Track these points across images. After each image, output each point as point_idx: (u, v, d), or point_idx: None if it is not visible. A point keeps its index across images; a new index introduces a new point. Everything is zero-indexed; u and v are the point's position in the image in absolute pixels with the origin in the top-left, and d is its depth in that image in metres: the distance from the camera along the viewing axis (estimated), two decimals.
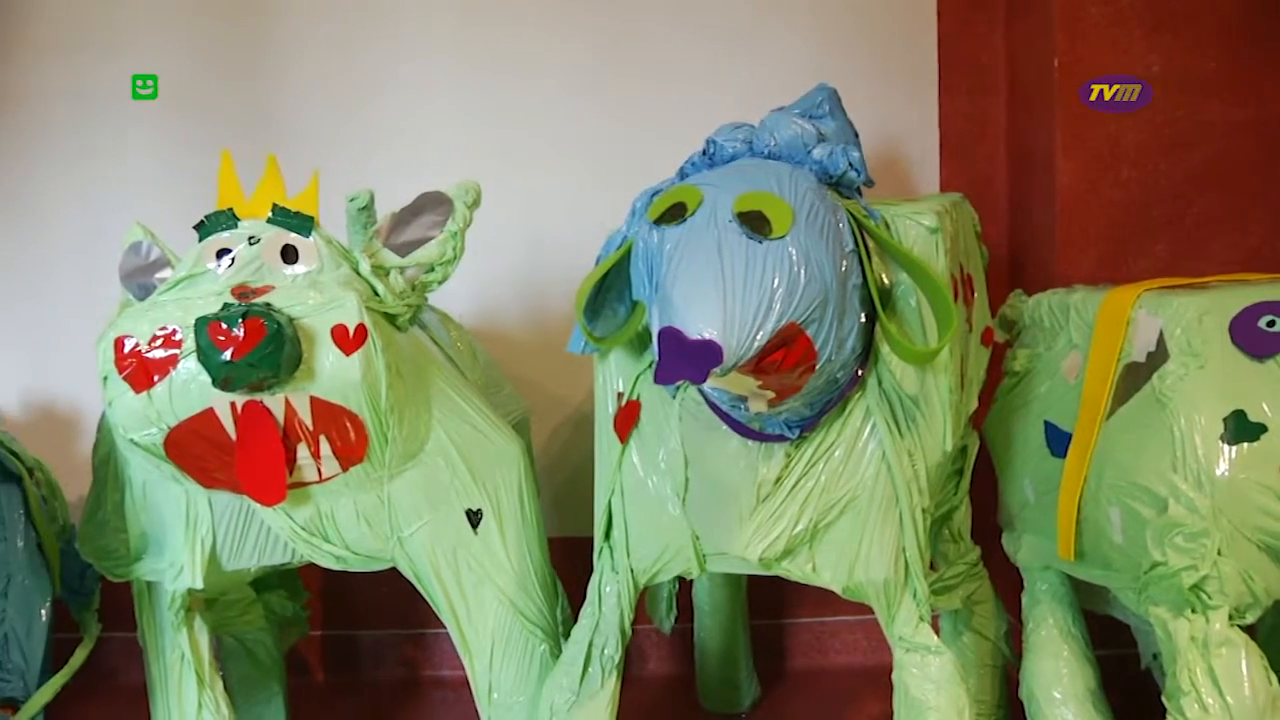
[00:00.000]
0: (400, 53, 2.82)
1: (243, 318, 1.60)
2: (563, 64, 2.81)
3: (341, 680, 2.88)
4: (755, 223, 1.56)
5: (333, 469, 1.80)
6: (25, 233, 2.83)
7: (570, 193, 2.79)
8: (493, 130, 2.81)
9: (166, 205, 2.49)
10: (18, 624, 1.93)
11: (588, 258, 1.92)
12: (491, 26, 2.81)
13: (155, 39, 2.84)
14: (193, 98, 2.83)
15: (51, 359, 2.80)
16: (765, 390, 1.63)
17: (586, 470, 2.12)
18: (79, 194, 2.84)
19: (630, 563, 1.95)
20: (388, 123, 2.82)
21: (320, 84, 2.82)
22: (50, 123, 2.86)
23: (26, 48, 2.87)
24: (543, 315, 2.79)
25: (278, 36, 2.83)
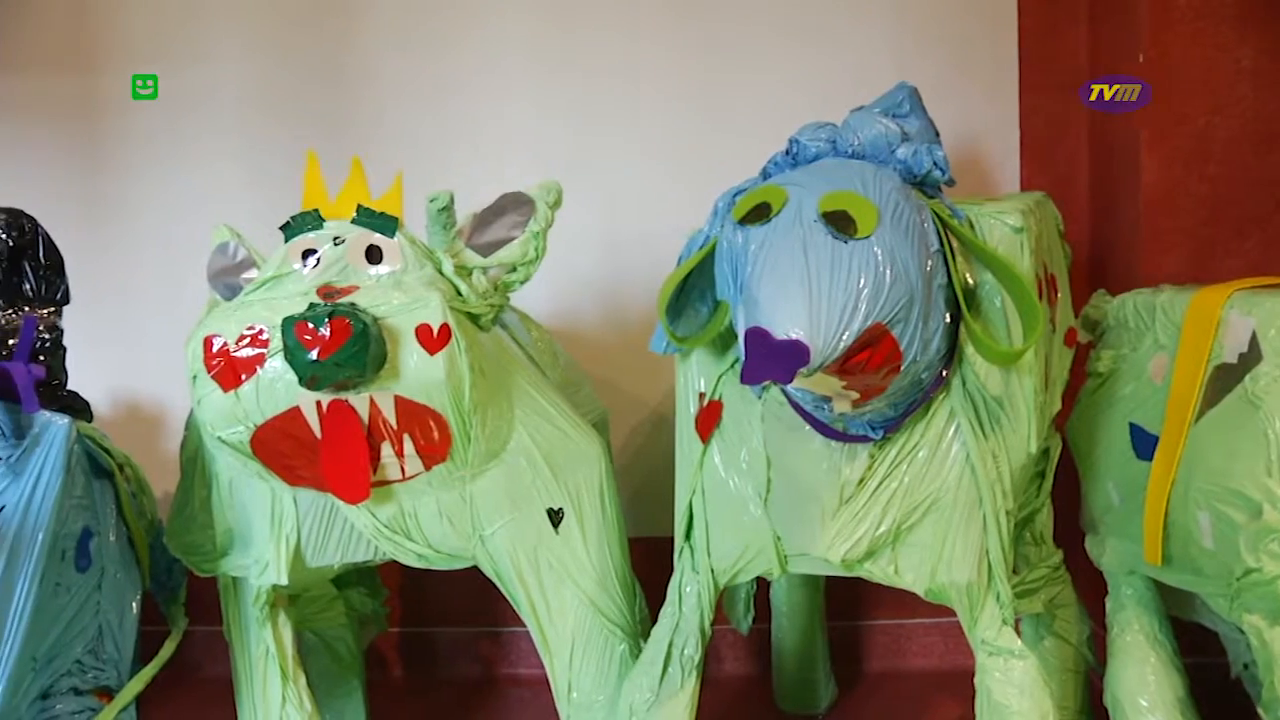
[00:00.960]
0: (481, 53, 2.84)
1: (329, 317, 1.62)
2: (642, 64, 2.82)
3: (418, 677, 2.91)
4: (840, 222, 1.55)
5: (416, 467, 1.81)
6: (111, 235, 2.88)
7: (649, 192, 2.80)
8: (572, 130, 2.82)
9: (249, 207, 2.55)
10: (111, 616, 1.96)
11: (666, 258, 1.92)
12: (572, 27, 2.83)
13: (237, 43, 2.90)
14: (274, 100, 2.88)
15: (137, 358, 2.86)
16: (850, 391, 1.62)
17: (664, 471, 2.12)
18: (163, 197, 2.90)
19: (711, 563, 1.94)
20: (468, 123, 2.84)
21: (402, 85, 2.85)
22: (135, 127, 2.92)
23: (112, 57, 2.93)
24: (621, 315, 2.79)
25: (359, 38, 2.86)
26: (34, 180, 2.88)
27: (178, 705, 2.56)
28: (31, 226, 1.92)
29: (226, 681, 2.15)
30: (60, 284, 1.95)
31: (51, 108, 2.94)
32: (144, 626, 2.17)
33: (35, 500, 1.74)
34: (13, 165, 2.92)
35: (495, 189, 1.94)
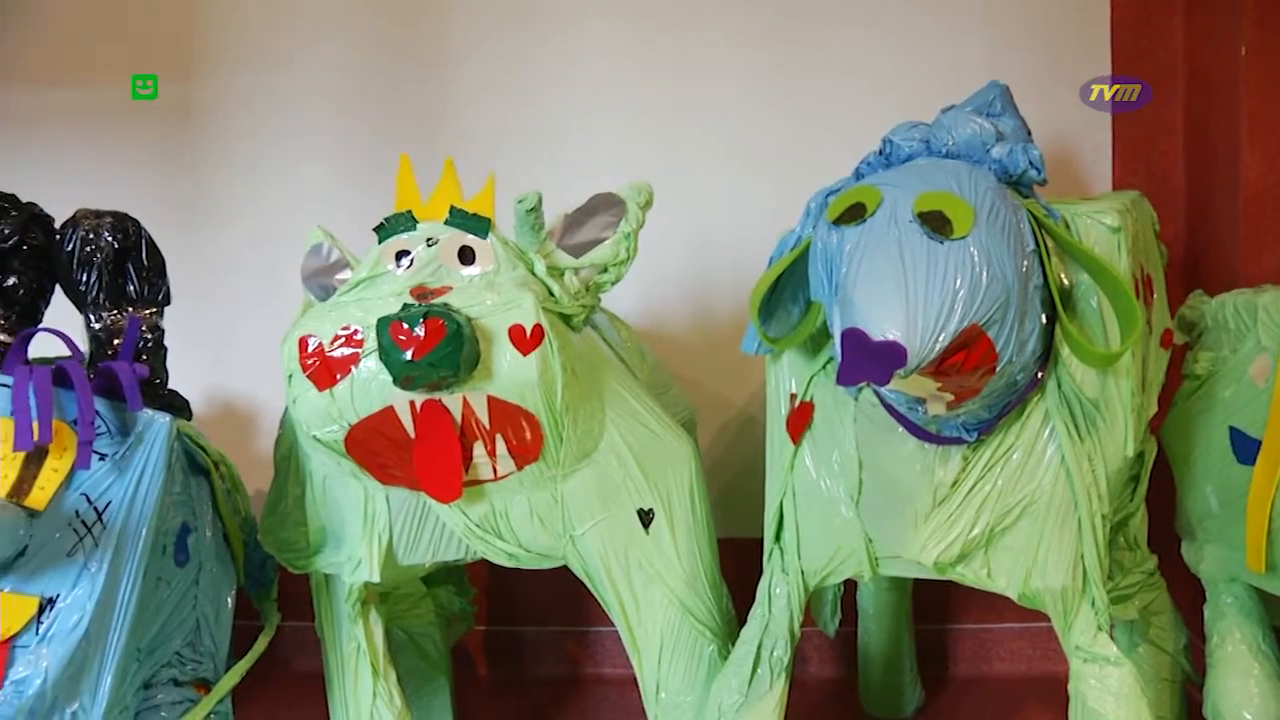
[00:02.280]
0: (569, 53, 2.86)
1: (423, 318, 1.63)
2: (731, 63, 2.81)
3: (504, 676, 2.92)
4: (936, 223, 1.54)
5: (508, 467, 1.82)
6: (206, 236, 2.94)
7: (737, 193, 2.79)
8: (660, 130, 2.82)
9: (340, 208, 2.57)
10: (208, 610, 1.99)
11: (755, 258, 1.92)
12: (661, 27, 2.83)
13: (328, 46, 2.94)
14: (364, 102, 2.92)
15: (230, 358, 2.91)
16: (944, 392, 1.61)
17: (751, 472, 2.11)
18: (256, 198, 2.95)
19: (801, 564, 1.94)
20: (557, 124, 2.85)
21: (490, 85, 2.87)
22: (228, 130, 2.97)
23: (205, 61, 2.99)
24: (709, 316, 2.79)
25: (448, 39, 2.89)
26: (132, 182, 2.94)
27: (268, 699, 2.60)
28: (135, 229, 1.96)
29: (316, 676, 2.17)
30: (162, 285, 1.99)
31: (149, 111, 3.00)
32: (236, 621, 2.21)
33: (139, 496, 1.77)
34: (112, 167, 2.99)
35: (583, 189, 1.95)
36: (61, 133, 3.02)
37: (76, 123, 3.02)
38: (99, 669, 1.71)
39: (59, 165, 2.96)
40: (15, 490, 1.71)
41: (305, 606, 2.19)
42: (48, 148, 3.00)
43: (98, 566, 1.71)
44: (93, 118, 3.02)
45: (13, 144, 3.00)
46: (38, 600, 1.68)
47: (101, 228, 1.93)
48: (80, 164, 3.01)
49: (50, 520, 1.71)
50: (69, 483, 1.74)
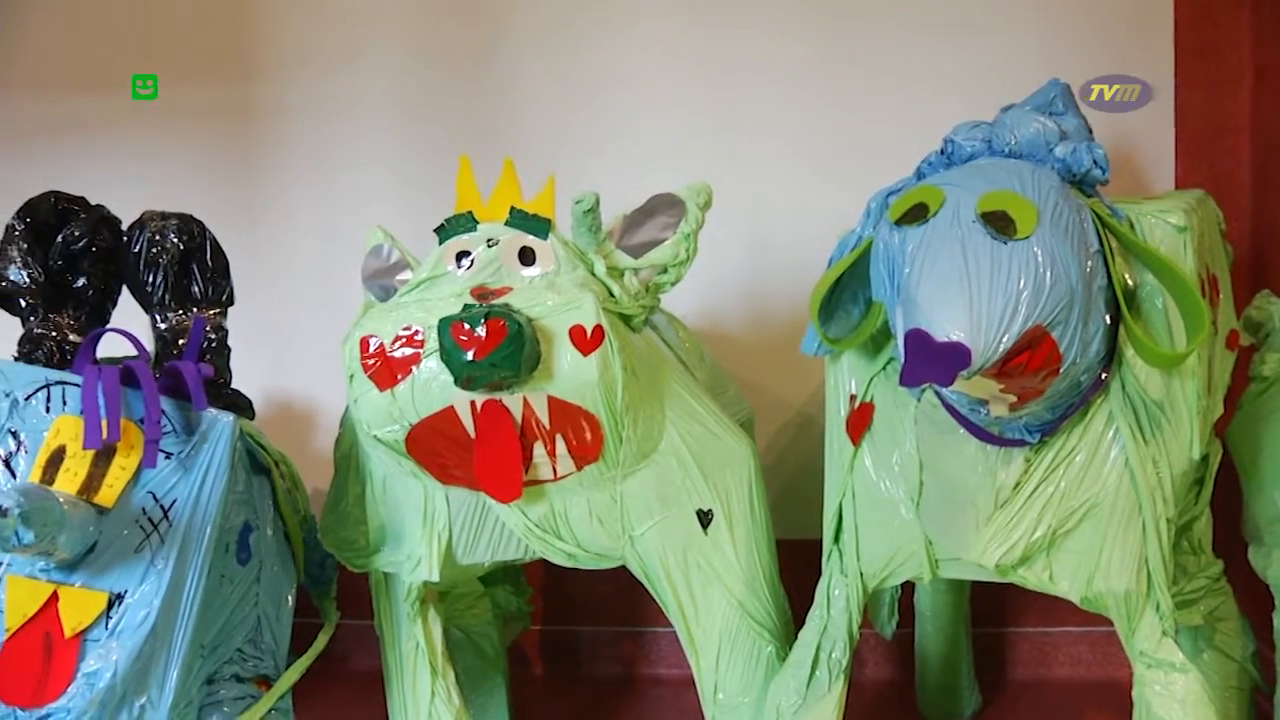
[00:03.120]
0: (626, 54, 2.87)
1: (485, 318, 1.64)
2: (788, 63, 2.81)
3: (560, 675, 2.93)
4: (999, 223, 1.53)
5: (568, 468, 1.82)
6: (265, 237, 2.97)
7: (795, 193, 2.79)
8: (718, 131, 2.82)
9: (399, 209, 2.60)
10: (268, 608, 2.01)
11: (812, 259, 1.91)
12: (717, 26, 2.83)
13: (386, 47, 2.97)
14: (422, 103, 2.94)
15: (289, 358, 2.94)
16: (1007, 394, 1.60)
17: (808, 473, 2.11)
18: (316, 200, 2.98)
19: (860, 566, 1.93)
20: (614, 124, 2.86)
21: (547, 86, 2.89)
22: (289, 132, 3.01)
23: (266, 64, 3.03)
24: (766, 317, 2.79)
25: (505, 41, 2.91)
26: (193, 184, 2.99)
27: (327, 696, 2.62)
28: (200, 231, 1.98)
29: (373, 674, 2.19)
30: (226, 286, 2.01)
31: (210, 113, 3.05)
32: (295, 619, 2.23)
33: (204, 494, 1.79)
34: (174, 169, 3.04)
35: (640, 190, 1.95)
36: (126, 136, 3.07)
37: (140, 127, 3.07)
38: (165, 663, 1.73)
39: (124, 168, 3.01)
40: (85, 488, 1.74)
41: (363, 605, 2.21)
42: (114, 151, 3.06)
43: (164, 563, 1.74)
44: (156, 121, 3.07)
45: (81, 148, 3.06)
46: (107, 596, 1.71)
47: (167, 229, 1.96)
48: (144, 167, 3.06)
49: (118, 518, 1.75)
50: (136, 481, 1.77)
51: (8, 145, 3.13)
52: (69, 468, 1.75)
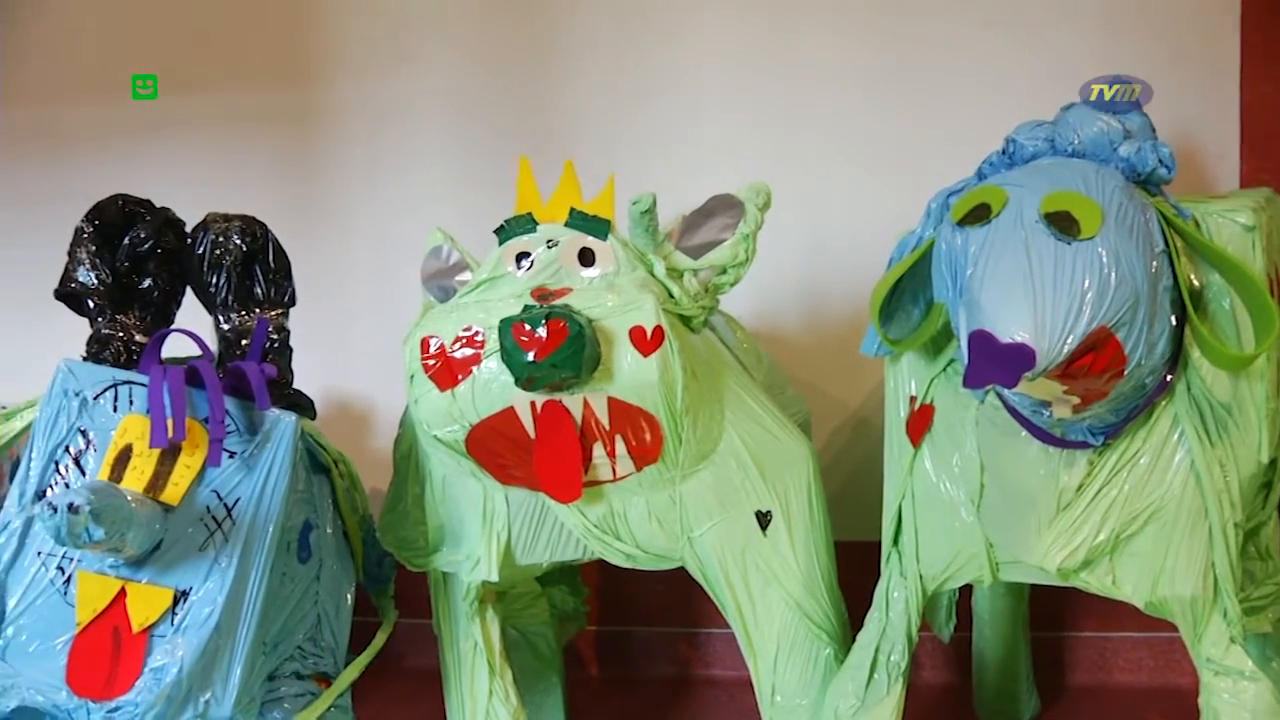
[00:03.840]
0: (682, 55, 2.86)
1: (545, 319, 1.65)
2: (845, 63, 2.79)
3: (615, 676, 2.94)
4: (1063, 223, 1.52)
5: (627, 468, 1.82)
6: (323, 239, 3.00)
7: (851, 194, 2.78)
8: (774, 131, 2.82)
9: (457, 210, 2.62)
10: (328, 606, 2.03)
11: (869, 260, 1.90)
12: (774, 27, 2.82)
13: (443, 49, 2.99)
14: (480, 105, 2.96)
15: (348, 358, 2.97)
16: (1070, 395, 1.58)
17: (864, 474, 2.09)
18: (373, 202, 3.01)
19: (919, 569, 1.92)
20: (670, 125, 2.86)
21: (604, 88, 2.89)
22: (346, 134, 3.04)
23: (325, 68, 3.07)
24: (822, 317, 2.77)
25: (562, 42, 2.92)
26: (253, 186, 3.03)
27: (384, 694, 2.65)
28: (263, 232, 2.00)
29: (429, 672, 2.20)
30: (288, 287, 2.03)
31: (269, 116, 3.09)
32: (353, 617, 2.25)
33: (266, 493, 1.81)
34: (234, 172, 3.08)
35: (698, 190, 1.95)
36: (187, 140, 3.12)
37: (201, 130, 3.12)
38: (229, 660, 1.75)
39: (187, 171, 3.05)
40: (151, 486, 1.77)
41: (418, 604, 2.23)
42: (176, 154, 3.10)
43: (228, 561, 1.76)
44: (216, 125, 3.12)
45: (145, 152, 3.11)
46: (172, 592, 1.74)
47: (231, 231, 1.98)
48: (205, 170, 3.10)
49: (183, 515, 1.77)
50: (200, 479, 1.79)
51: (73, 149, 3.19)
52: (136, 466, 1.78)
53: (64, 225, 2.02)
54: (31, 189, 3.24)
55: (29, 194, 3.24)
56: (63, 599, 1.75)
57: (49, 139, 3.23)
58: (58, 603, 1.75)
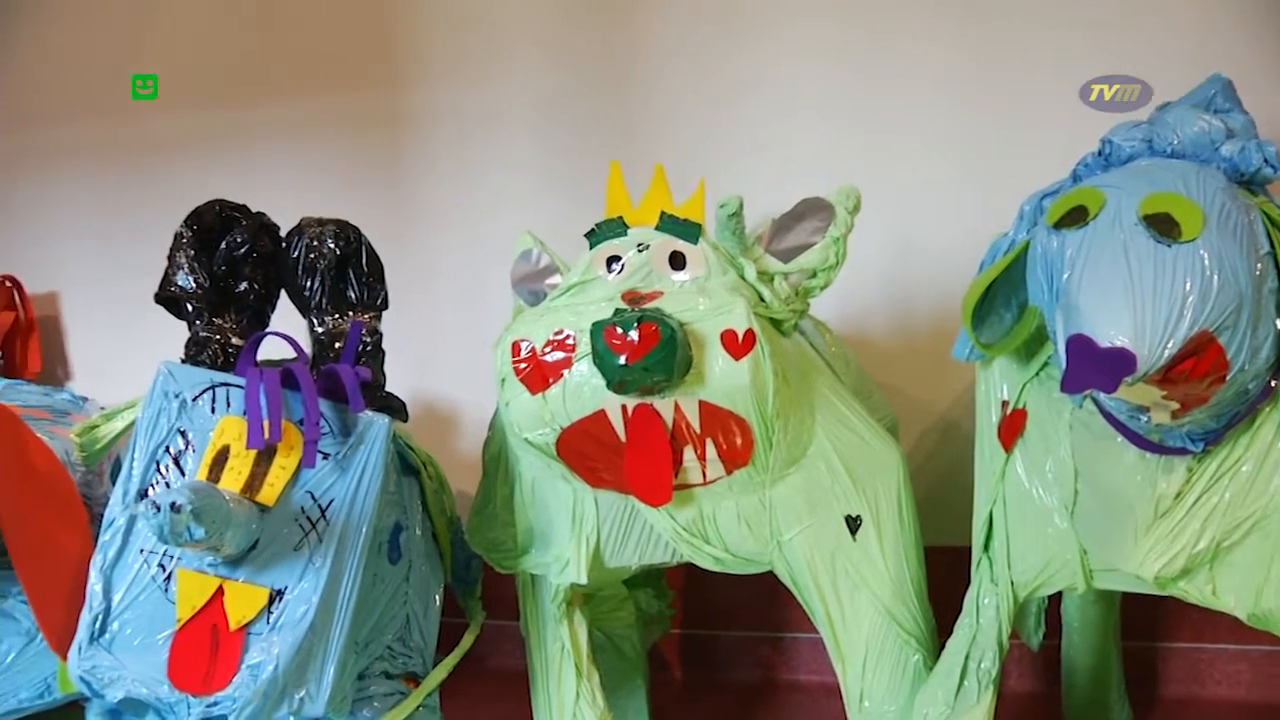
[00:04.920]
0: (769, 57, 2.85)
1: (637, 322, 1.65)
2: (933, 65, 2.77)
3: (699, 679, 2.93)
4: (1163, 225, 1.49)
5: (717, 472, 1.82)
6: (411, 243, 3.03)
7: (938, 196, 2.75)
8: (861, 133, 2.80)
9: (541, 215, 2.63)
10: (417, 607, 2.05)
11: (956, 263, 1.89)
12: (862, 28, 2.81)
13: (529, 53, 3.02)
14: (566, 108, 2.98)
15: (433, 361, 3.00)
16: (1170, 401, 1.55)
17: (951, 479, 2.07)
18: (459, 206, 3.04)
19: (1011, 575, 1.89)
20: (756, 127, 2.85)
21: (689, 90, 2.90)
22: (433, 139, 3.08)
23: (411, 73, 3.11)
24: (909, 321, 2.75)
25: (648, 45, 2.94)
26: (342, 191, 3.09)
27: (469, 694, 2.66)
28: (356, 236, 2.03)
29: (513, 673, 2.22)
30: (381, 290, 2.06)
31: (357, 122, 3.14)
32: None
33: (359, 495, 1.83)
34: (323, 178, 3.13)
35: (784, 193, 1.94)
36: (279, 145, 3.17)
37: (291, 135, 3.17)
38: (323, 659, 1.77)
39: (276, 176, 3.11)
40: (247, 486, 1.79)
41: (501, 606, 2.24)
42: (268, 159, 3.17)
43: (321, 561, 1.78)
44: (305, 130, 3.17)
45: (237, 157, 3.17)
46: (268, 591, 1.76)
47: (325, 235, 2.00)
48: (293, 174, 3.16)
49: (278, 516, 1.80)
50: (295, 480, 1.82)
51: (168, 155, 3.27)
52: (233, 467, 1.81)
53: (158, 230, 2.07)
54: (128, 195, 3.33)
55: (125, 200, 3.34)
56: (164, 595, 1.78)
57: (147, 146, 3.31)
58: (159, 599, 1.78)
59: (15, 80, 3.43)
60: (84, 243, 3.40)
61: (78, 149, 3.39)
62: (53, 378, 3.37)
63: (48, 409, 2.45)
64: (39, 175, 3.44)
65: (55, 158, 3.42)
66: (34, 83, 3.43)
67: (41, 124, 3.43)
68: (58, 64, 3.42)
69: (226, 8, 3.27)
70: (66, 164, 3.41)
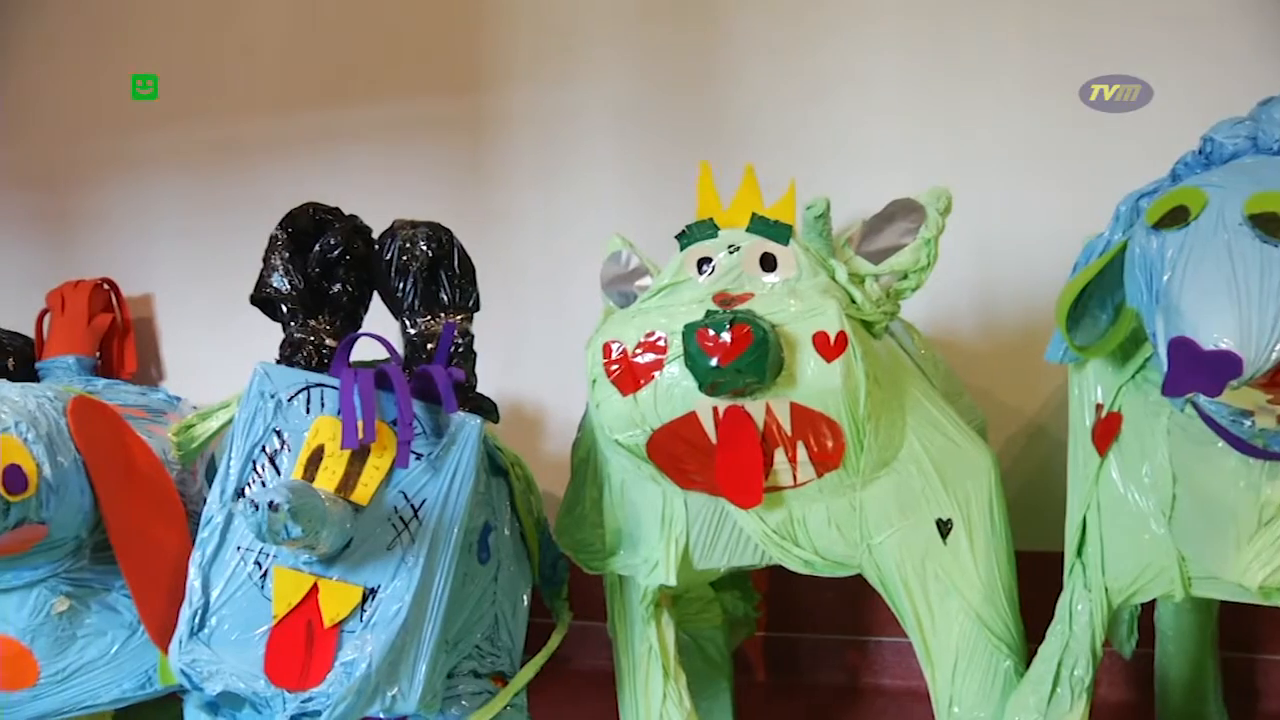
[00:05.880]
0: (849, 55, 2.84)
1: (730, 324, 1.65)
2: (1022, 64, 2.73)
3: (783, 682, 2.92)
4: (1270, 225, 1.44)
5: (808, 474, 1.81)
6: (495, 244, 3.05)
7: (1025, 197, 2.71)
8: (949, 132, 2.77)
9: (624, 216, 2.65)
10: (505, 606, 2.06)
11: (1044, 264, 1.87)
12: (945, 27, 2.78)
13: (611, 56, 3.03)
14: (647, 110, 2.99)
15: (519, 362, 3.01)
16: (1275, 405, 1.51)
17: (1039, 483, 2.05)
18: (543, 208, 3.06)
19: (1105, 581, 1.86)
20: (838, 127, 2.84)
21: (771, 90, 2.89)
22: (517, 142, 3.10)
23: (496, 75, 3.13)
24: (996, 323, 2.72)
25: (728, 45, 2.93)
26: (427, 194, 3.12)
27: (553, 694, 2.67)
28: (449, 239, 2.05)
29: (596, 674, 2.23)
30: (473, 292, 2.07)
31: (441, 125, 3.18)
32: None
33: (452, 495, 1.84)
34: (409, 180, 3.17)
35: (870, 194, 1.93)
36: (365, 148, 3.22)
37: (378, 138, 3.22)
38: (415, 657, 1.78)
39: (362, 178, 3.15)
40: (342, 486, 1.82)
41: (587, 606, 2.25)
42: (355, 161, 3.21)
43: (414, 560, 1.80)
44: (392, 133, 3.21)
45: (322, 160, 3.22)
46: (362, 590, 1.78)
47: (417, 237, 2.02)
48: (379, 177, 3.20)
49: (372, 515, 1.81)
50: (388, 480, 1.84)
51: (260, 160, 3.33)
52: (327, 466, 1.83)
53: (247, 233, 2.10)
54: (219, 199, 3.40)
55: (216, 204, 3.40)
56: (260, 592, 1.81)
57: (237, 151, 3.38)
58: (255, 596, 1.81)
59: (109, 87, 3.51)
60: (177, 245, 3.47)
61: (171, 155, 3.46)
62: (147, 378, 3.44)
63: (144, 408, 2.50)
64: (134, 181, 3.52)
65: (149, 163, 3.50)
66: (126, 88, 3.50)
67: (136, 130, 3.50)
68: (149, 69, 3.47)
69: (311, 13, 3.32)
70: (160, 169, 3.49)
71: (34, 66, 3.55)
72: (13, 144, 3.60)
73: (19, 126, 3.58)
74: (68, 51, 3.54)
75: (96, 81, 3.52)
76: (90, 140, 3.55)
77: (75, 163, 3.56)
